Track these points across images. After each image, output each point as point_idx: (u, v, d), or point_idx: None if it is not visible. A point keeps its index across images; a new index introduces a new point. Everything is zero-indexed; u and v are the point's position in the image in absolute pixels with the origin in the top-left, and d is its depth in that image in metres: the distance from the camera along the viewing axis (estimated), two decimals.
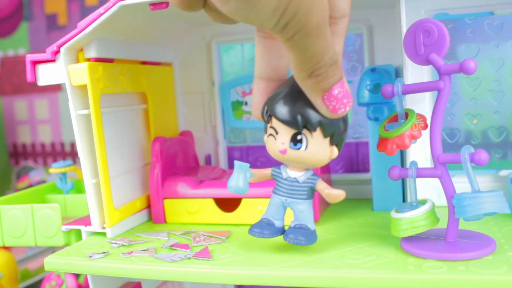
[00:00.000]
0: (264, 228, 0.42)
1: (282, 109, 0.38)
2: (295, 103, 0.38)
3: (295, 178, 0.41)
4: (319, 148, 0.39)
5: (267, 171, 0.43)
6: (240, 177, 0.42)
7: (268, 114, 0.40)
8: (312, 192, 0.42)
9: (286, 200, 0.42)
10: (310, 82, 0.34)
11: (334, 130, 0.39)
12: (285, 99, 0.38)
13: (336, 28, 0.38)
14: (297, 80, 0.35)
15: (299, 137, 0.39)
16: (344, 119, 0.40)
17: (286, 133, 0.39)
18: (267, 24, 0.28)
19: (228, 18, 0.32)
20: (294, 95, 0.38)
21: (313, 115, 0.38)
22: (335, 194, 0.40)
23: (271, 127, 0.40)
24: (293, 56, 0.32)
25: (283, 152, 0.40)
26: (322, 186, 0.41)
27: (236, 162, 0.42)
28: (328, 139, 0.39)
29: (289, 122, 0.38)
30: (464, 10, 0.51)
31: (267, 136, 0.41)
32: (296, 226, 0.42)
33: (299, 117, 0.38)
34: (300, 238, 0.41)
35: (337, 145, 0.40)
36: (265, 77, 0.40)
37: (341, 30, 0.38)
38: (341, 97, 0.35)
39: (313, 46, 0.31)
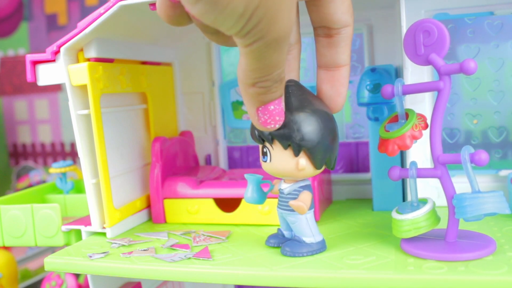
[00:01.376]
0: (278, 238, 0.45)
1: (252, 128, 0.41)
2: None
3: (282, 189, 0.42)
4: (281, 160, 0.39)
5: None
6: (254, 189, 0.43)
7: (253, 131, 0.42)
8: None
9: (279, 211, 0.43)
10: (251, 91, 0.34)
11: (290, 141, 0.38)
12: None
13: (339, 37, 0.38)
14: (240, 85, 0.35)
15: (264, 149, 0.40)
16: (313, 129, 0.38)
17: (260, 147, 0.41)
18: (233, 28, 0.28)
19: (218, 36, 0.33)
20: None
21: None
22: (295, 206, 0.40)
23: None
24: (245, 62, 0.32)
25: (261, 164, 0.42)
26: (299, 198, 0.41)
27: (246, 175, 0.44)
28: (289, 151, 0.39)
29: (253, 137, 0.41)
30: (464, 10, 0.51)
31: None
32: (294, 238, 0.43)
33: (255, 131, 0.40)
34: (294, 251, 0.42)
35: (308, 156, 0.39)
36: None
37: (345, 39, 0.39)
38: (275, 113, 0.36)
39: (268, 58, 0.31)
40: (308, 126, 0.38)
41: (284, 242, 0.44)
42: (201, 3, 0.27)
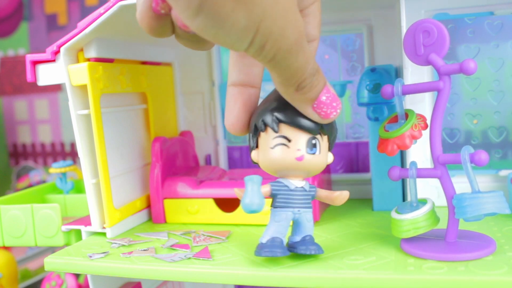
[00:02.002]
0: (284, 248, 0.40)
1: (296, 116, 0.37)
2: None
3: (302, 187, 0.40)
4: (325, 153, 0.39)
5: (266, 188, 0.39)
6: (254, 194, 0.37)
7: (276, 123, 0.38)
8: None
9: (299, 211, 0.40)
10: (297, 95, 0.34)
11: (335, 134, 0.40)
12: (290, 106, 0.37)
13: (309, 11, 0.37)
14: (284, 96, 0.35)
15: (313, 141, 0.38)
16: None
17: (301, 139, 0.38)
18: (239, 44, 0.28)
19: (198, 43, 0.32)
20: None
21: None
22: (345, 196, 0.41)
23: (282, 136, 0.38)
24: (276, 74, 0.32)
25: (300, 158, 0.38)
26: (326, 192, 0.41)
27: (246, 178, 0.38)
28: (327, 144, 0.40)
29: (307, 126, 0.37)
30: (464, 10, 0.51)
31: (273, 147, 0.38)
32: (307, 238, 0.40)
33: (305, 119, 0.37)
34: (321, 249, 0.40)
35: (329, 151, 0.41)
36: (238, 82, 0.38)
37: (315, 14, 0.38)
38: (330, 101, 0.35)
39: (296, 62, 0.31)
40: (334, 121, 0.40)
41: (298, 246, 0.40)
42: (200, 17, 0.25)
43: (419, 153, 0.53)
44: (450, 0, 0.51)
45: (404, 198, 0.55)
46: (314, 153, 0.38)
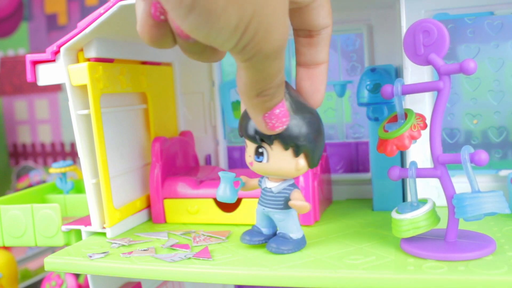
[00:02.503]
0: (253, 235, 0.45)
1: (243, 125, 0.40)
2: (251, 120, 0.39)
3: (270, 188, 0.43)
4: (281, 160, 0.40)
5: (255, 181, 0.45)
6: (227, 187, 0.43)
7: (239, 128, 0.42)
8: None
9: (264, 209, 0.43)
10: (255, 101, 0.34)
11: (294, 142, 0.39)
12: (243, 117, 0.40)
13: (319, 38, 0.39)
14: (243, 97, 0.34)
15: (260, 150, 0.40)
16: (312, 130, 0.39)
17: (251, 146, 0.41)
18: (227, 43, 0.28)
19: (202, 54, 0.32)
20: None
21: None
22: (299, 206, 0.41)
23: (245, 140, 0.42)
24: (246, 75, 0.32)
25: (251, 164, 0.42)
26: (293, 197, 0.42)
27: (220, 173, 0.44)
28: (290, 151, 0.39)
29: (249, 137, 0.40)
30: (464, 10, 0.51)
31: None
32: (279, 235, 0.43)
33: (255, 132, 0.39)
34: (281, 247, 0.42)
35: (306, 156, 0.40)
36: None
37: (325, 39, 0.39)
38: (281, 116, 0.36)
39: (269, 68, 0.31)
40: (310, 128, 0.39)
41: (264, 239, 0.44)
42: (193, 15, 0.25)
43: (419, 153, 0.53)
44: (450, 0, 0.51)
45: (404, 198, 0.55)
46: (261, 161, 0.41)
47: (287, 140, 0.39)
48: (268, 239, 0.44)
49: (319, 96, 0.40)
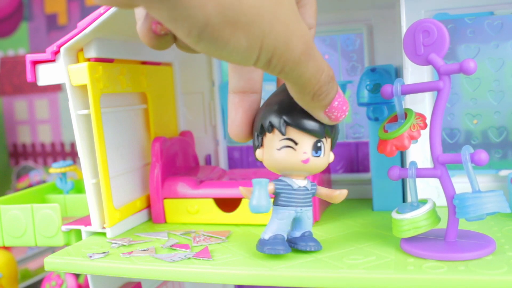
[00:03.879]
0: (284, 244, 0.41)
1: (303, 119, 0.38)
2: (306, 112, 0.38)
3: (304, 187, 0.41)
4: (327, 153, 0.41)
5: (270, 187, 0.40)
6: (262, 195, 0.39)
7: (284, 126, 0.38)
8: None
9: (300, 210, 0.41)
10: (313, 104, 0.35)
11: (337, 135, 0.41)
12: (298, 109, 0.37)
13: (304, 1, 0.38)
14: (300, 103, 0.36)
15: (319, 144, 0.39)
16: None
17: (307, 142, 0.39)
18: (246, 62, 0.29)
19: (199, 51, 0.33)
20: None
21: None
22: (345, 193, 0.42)
23: (288, 139, 0.39)
24: (290, 84, 0.33)
25: (306, 161, 0.39)
26: (325, 190, 0.43)
27: (253, 180, 0.39)
28: (330, 145, 0.41)
29: (314, 131, 0.38)
30: (464, 10, 0.51)
31: (279, 149, 0.39)
32: (306, 234, 0.42)
33: (320, 125, 0.38)
34: (319, 245, 0.42)
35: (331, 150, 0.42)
36: (239, 90, 0.39)
37: (311, 2, 0.39)
38: (341, 106, 0.37)
39: (307, 71, 0.31)
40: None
41: (298, 242, 0.42)
42: (202, 43, 0.27)
43: (419, 153, 0.53)
44: (450, 0, 0.51)
45: (404, 198, 0.55)
46: (319, 156, 0.39)
47: (336, 132, 0.41)
48: (288, 243, 0.42)
49: None
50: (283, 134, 0.39)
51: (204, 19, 0.25)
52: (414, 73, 0.51)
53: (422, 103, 0.52)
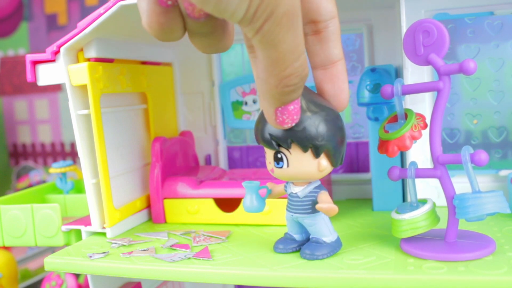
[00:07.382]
0: (287, 243, 0.43)
1: (259, 132, 0.39)
2: (266, 124, 0.38)
3: (295, 193, 0.41)
4: (301, 164, 0.38)
5: (281, 187, 0.43)
6: (253, 197, 0.42)
7: (256, 137, 0.41)
8: None
9: (292, 215, 0.42)
10: (275, 92, 0.33)
11: (312, 143, 0.37)
12: (259, 121, 0.39)
13: (328, 31, 0.37)
14: (262, 86, 0.33)
15: (279, 155, 0.39)
16: (330, 128, 0.38)
17: (269, 153, 0.40)
18: (237, 13, 0.27)
19: (212, 37, 0.31)
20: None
21: (283, 134, 0.37)
22: (326, 209, 0.39)
23: (264, 148, 0.41)
24: (263, 55, 0.31)
25: (272, 171, 0.40)
26: (320, 199, 0.40)
27: (244, 184, 0.42)
28: (310, 153, 0.38)
29: (265, 142, 0.39)
30: (464, 10, 0.51)
31: None
32: (312, 240, 0.42)
33: (270, 137, 0.38)
34: (316, 253, 0.41)
35: (328, 156, 0.38)
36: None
37: (335, 33, 0.37)
38: (293, 113, 0.35)
39: (284, 42, 0.29)
40: (327, 126, 0.37)
41: (297, 246, 0.43)
42: None
43: (419, 153, 0.53)
44: (450, 0, 0.51)
45: (404, 198, 0.55)
46: (281, 167, 0.39)
47: (304, 141, 0.37)
48: (302, 245, 0.42)
49: (343, 96, 0.39)
50: (257, 142, 0.41)
51: None
52: (414, 73, 0.51)
53: (422, 103, 0.52)
